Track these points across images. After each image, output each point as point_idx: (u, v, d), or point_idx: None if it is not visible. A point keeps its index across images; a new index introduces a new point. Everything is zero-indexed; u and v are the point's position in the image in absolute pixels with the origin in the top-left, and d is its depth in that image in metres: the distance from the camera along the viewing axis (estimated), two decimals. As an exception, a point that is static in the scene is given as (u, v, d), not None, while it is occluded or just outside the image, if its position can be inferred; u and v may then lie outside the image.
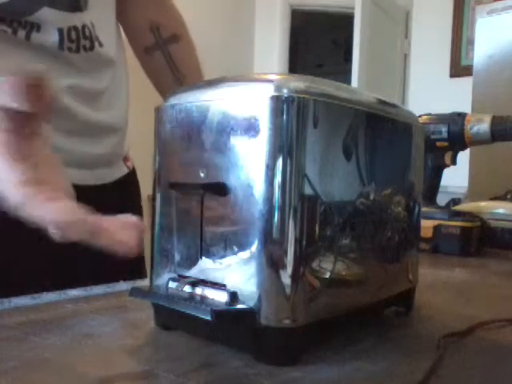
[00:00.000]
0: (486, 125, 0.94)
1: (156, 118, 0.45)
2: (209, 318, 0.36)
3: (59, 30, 0.64)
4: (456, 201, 1.38)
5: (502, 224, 0.99)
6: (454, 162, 0.99)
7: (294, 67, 5.05)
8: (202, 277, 0.41)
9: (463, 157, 1.05)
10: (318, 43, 6.27)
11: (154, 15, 0.84)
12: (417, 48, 4.04)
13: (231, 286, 0.38)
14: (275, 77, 0.40)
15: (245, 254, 0.38)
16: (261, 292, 0.37)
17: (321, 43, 6.27)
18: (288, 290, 0.37)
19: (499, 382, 0.38)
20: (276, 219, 0.37)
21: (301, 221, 0.37)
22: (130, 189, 0.84)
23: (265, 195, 0.37)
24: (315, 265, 0.39)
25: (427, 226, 0.95)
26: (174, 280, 0.42)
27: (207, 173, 0.40)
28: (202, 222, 0.40)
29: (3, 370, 0.35)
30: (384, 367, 0.38)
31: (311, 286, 0.39)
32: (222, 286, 0.39)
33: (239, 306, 0.38)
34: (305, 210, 0.38)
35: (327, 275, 0.40)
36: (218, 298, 0.39)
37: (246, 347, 0.39)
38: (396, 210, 0.48)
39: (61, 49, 0.65)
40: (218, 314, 0.36)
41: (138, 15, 0.83)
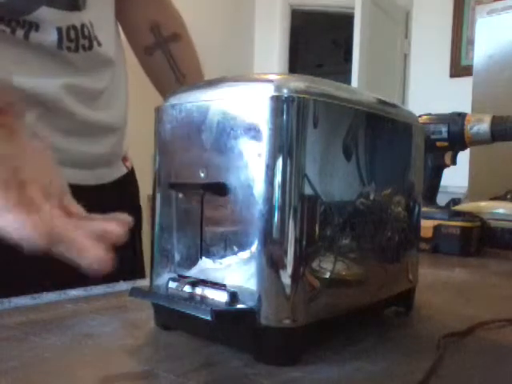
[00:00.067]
0: (485, 125, 0.94)
1: (156, 118, 0.45)
2: (209, 318, 0.36)
3: (58, 30, 0.64)
4: (456, 201, 1.38)
5: (502, 224, 0.99)
6: (454, 162, 0.99)
7: (294, 67, 5.05)
8: (202, 277, 0.41)
9: (463, 157, 1.05)
10: (318, 43, 6.27)
11: (155, 14, 0.84)
12: (417, 48, 4.04)
13: (231, 286, 0.38)
14: (275, 77, 0.40)
15: (245, 254, 0.38)
16: (261, 292, 0.37)
17: (321, 43, 6.27)
18: (288, 290, 0.37)
19: (499, 382, 0.38)
20: (276, 219, 0.37)
21: (301, 221, 0.37)
22: (129, 189, 0.84)
23: (265, 195, 0.37)
24: (315, 265, 0.39)
25: (427, 225, 0.95)
26: (174, 280, 0.42)
27: (207, 173, 0.40)
28: (202, 222, 0.40)
29: (3, 370, 0.35)
30: (384, 367, 0.38)
31: (311, 286, 0.39)
32: (221, 286, 0.39)
33: (239, 306, 0.38)
34: (305, 210, 0.38)
35: (327, 275, 0.40)
36: (217, 298, 0.39)
37: (246, 347, 0.39)
38: (396, 209, 0.48)
39: (59, 48, 0.65)
40: (218, 314, 0.36)
41: (138, 14, 0.83)
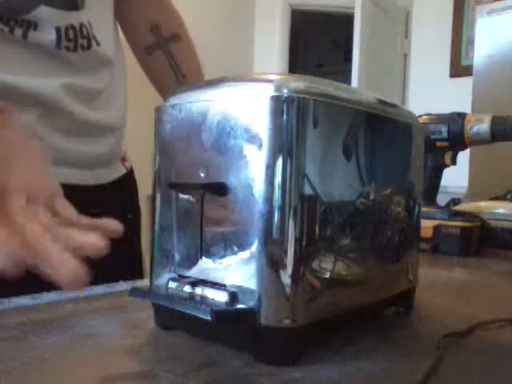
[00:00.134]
0: (485, 125, 0.94)
1: (156, 118, 0.45)
2: (209, 318, 0.36)
3: (56, 29, 0.64)
4: (456, 201, 1.38)
5: (502, 224, 0.99)
6: (454, 162, 0.99)
7: (294, 67, 5.05)
8: (202, 277, 0.41)
9: (463, 157, 1.05)
10: (318, 43, 6.27)
11: (154, 14, 0.84)
12: (417, 48, 4.04)
13: (231, 286, 0.38)
14: (275, 77, 0.40)
15: (245, 254, 0.38)
16: (261, 292, 0.37)
17: (321, 43, 6.27)
18: (288, 289, 0.37)
19: (499, 382, 0.38)
20: (276, 219, 0.37)
21: (301, 221, 0.37)
22: (128, 189, 0.84)
23: (265, 195, 0.37)
24: (315, 265, 0.39)
25: (427, 225, 0.95)
26: (174, 280, 0.42)
27: (207, 173, 0.40)
28: (202, 222, 0.40)
29: (3, 370, 0.35)
30: (384, 367, 0.38)
31: (311, 286, 0.39)
32: (221, 286, 0.39)
33: (239, 306, 0.38)
34: (305, 210, 0.38)
35: (327, 275, 0.40)
36: (217, 298, 0.39)
37: (246, 347, 0.39)
38: (396, 209, 0.48)
39: (58, 48, 0.65)
40: (218, 314, 0.36)
41: (138, 14, 0.83)
